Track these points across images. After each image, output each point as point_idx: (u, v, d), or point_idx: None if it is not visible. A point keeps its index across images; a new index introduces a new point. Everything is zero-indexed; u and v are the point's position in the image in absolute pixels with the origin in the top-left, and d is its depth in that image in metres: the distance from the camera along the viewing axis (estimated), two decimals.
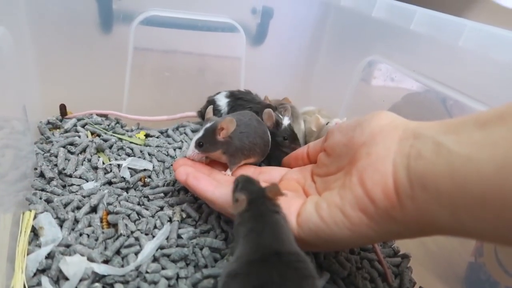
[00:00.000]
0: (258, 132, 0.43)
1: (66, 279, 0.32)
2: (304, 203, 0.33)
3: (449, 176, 0.23)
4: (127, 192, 0.44)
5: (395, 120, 0.30)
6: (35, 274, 0.33)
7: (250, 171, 0.43)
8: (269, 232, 0.29)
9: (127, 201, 0.42)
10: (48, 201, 0.40)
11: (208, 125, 0.41)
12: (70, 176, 0.44)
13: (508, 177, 0.20)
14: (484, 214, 0.22)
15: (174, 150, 0.52)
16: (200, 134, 0.41)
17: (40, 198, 0.40)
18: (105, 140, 0.51)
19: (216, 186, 0.37)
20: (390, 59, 0.48)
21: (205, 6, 0.56)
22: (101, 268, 0.34)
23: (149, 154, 0.51)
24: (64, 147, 0.48)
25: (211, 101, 0.53)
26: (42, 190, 0.42)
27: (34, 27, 0.49)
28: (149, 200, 0.43)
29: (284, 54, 0.63)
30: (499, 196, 0.21)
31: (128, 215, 0.40)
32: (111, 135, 0.53)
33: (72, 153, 0.48)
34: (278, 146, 0.47)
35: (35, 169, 0.44)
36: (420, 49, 0.44)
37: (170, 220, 0.40)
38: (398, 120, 0.30)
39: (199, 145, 0.41)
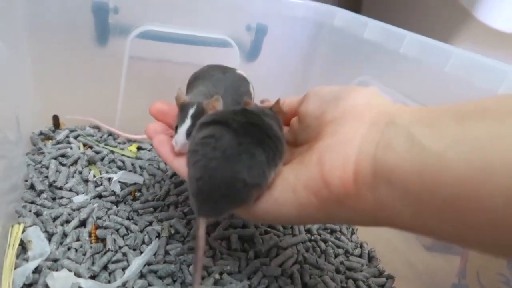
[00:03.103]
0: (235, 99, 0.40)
1: None
2: None
3: (418, 174, 0.21)
4: (117, 206, 0.44)
5: (371, 100, 0.28)
6: None
7: None
8: (256, 114, 0.31)
9: (117, 215, 0.42)
10: (38, 214, 0.40)
11: (191, 111, 0.36)
12: (61, 188, 0.44)
13: (485, 181, 0.19)
14: (452, 218, 0.20)
15: (165, 164, 0.53)
16: (188, 123, 0.36)
17: (30, 211, 0.40)
18: (97, 152, 0.52)
19: (177, 155, 0.36)
20: (379, 81, 0.49)
21: (200, 22, 0.57)
22: (88, 284, 0.34)
23: (140, 168, 0.51)
24: (55, 158, 0.48)
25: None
26: (32, 202, 0.42)
27: (31, 39, 0.50)
28: (138, 214, 0.43)
29: (278, 71, 0.63)
30: (473, 201, 0.19)
31: (117, 230, 0.40)
32: (103, 147, 0.54)
33: (63, 165, 0.48)
34: None
35: (26, 180, 0.44)
36: (408, 72, 0.45)
37: (159, 236, 0.40)
38: (375, 99, 0.28)
39: (189, 135, 0.37)
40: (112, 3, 0.52)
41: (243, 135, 0.28)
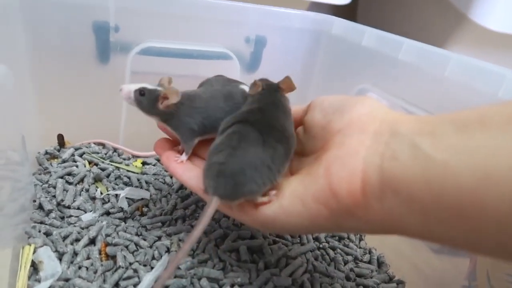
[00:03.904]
0: (222, 107, 0.39)
1: None
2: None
3: (425, 183, 0.22)
4: (125, 222, 0.45)
5: (376, 110, 0.28)
6: None
7: None
8: (270, 110, 0.34)
9: (125, 231, 0.42)
10: (47, 234, 0.40)
11: (151, 86, 0.38)
12: (69, 207, 0.45)
13: (489, 190, 0.19)
14: (459, 225, 0.21)
15: (171, 177, 0.53)
16: (146, 86, 0.38)
17: (39, 231, 0.40)
18: (103, 169, 0.52)
19: (185, 169, 0.37)
20: (379, 88, 0.50)
21: (199, 36, 0.58)
22: None
23: (146, 183, 0.51)
24: (62, 177, 0.49)
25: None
26: (41, 222, 0.42)
27: (33, 61, 0.51)
28: (147, 230, 0.44)
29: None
30: (478, 209, 0.20)
31: (127, 246, 0.40)
32: (109, 163, 0.54)
33: (70, 183, 0.48)
34: None
35: (34, 201, 0.45)
36: (408, 79, 0.46)
37: (168, 251, 0.40)
38: (379, 109, 0.28)
39: (140, 93, 0.37)
40: (113, 22, 0.52)
41: (265, 132, 0.32)
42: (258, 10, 0.58)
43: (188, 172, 0.37)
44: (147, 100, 0.38)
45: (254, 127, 0.32)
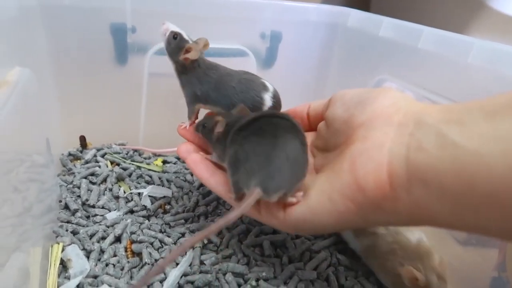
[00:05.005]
0: (233, 87, 0.40)
1: None
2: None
3: (454, 172, 0.21)
4: (149, 220, 0.45)
5: (398, 101, 0.28)
6: None
7: None
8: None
9: (149, 229, 0.43)
10: (74, 232, 0.41)
11: (186, 36, 0.41)
12: (93, 206, 0.46)
13: None
14: (491, 213, 0.21)
15: (192, 175, 0.54)
16: (182, 33, 0.41)
17: (67, 230, 0.41)
18: (125, 169, 0.53)
19: (212, 173, 0.37)
20: (399, 78, 0.49)
21: (215, 34, 0.57)
22: None
23: (168, 181, 0.52)
24: (85, 178, 0.49)
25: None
26: (68, 222, 0.43)
27: (54, 64, 0.52)
28: (170, 227, 0.44)
29: (294, 76, 0.64)
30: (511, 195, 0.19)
31: (151, 243, 0.41)
32: (130, 163, 0.55)
33: (93, 183, 0.49)
34: None
35: (60, 201, 0.46)
36: (429, 67, 0.45)
37: (192, 247, 0.41)
38: (402, 100, 0.28)
39: (173, 36, 0.40)
40: (130, 23, 0.53)
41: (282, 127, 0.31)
42: (272, 6, 0.58)
43: (215, 176, 0.37)
44: (174, 45, 0.40)
45: (274, 118, 0.32)
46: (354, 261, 0.43)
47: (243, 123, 0.32)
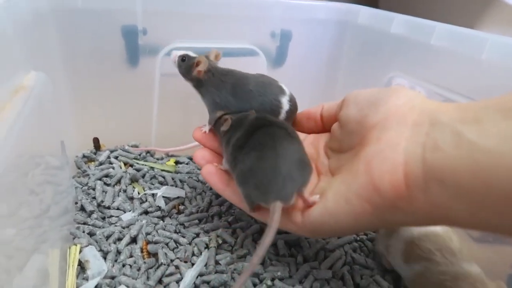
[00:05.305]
0: (250, 90, 0.40)
1: None
2: (311, 192, 0.33)
3: (472, 171, 0.21)
4: (163, 221, 0.46)
5: (412, 100, 0.27)
6: None
7: None
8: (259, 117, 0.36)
9: (164, 229, 0.43)
10: (91, 234, 0.42)
11: (192, 54, 0.42)
12: (109, 208, 0.46)
13: None
14: (509, 213, 0.20)
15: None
16: (189, 53, 0.42)
17: (83, 232, 0.42)
18: (138, 170, 0.53)
19: (227, 184, 0.38)
20: (411, 75, 0.49)
21: (225, 34, 0.58)
22: None
23: (181, 181, 0.52)
24: (100, 179, 0.50)
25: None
26: (84, 223, 0.44)
27: (67, 67, 0.52)
28: (184, 227, 0.44)
29: (305, 74, 0.64)
30: None
31: (167, 244, 0.41)
32: (143, 164, 0.55)
33: (108, 185, 0.50)
34: None
35: (76, 203, 0.46)
36: (442, 64, 0.44)
37: (207, 247, 0.41)
38: (415, 99, 0.27)
39: (182, 59, 0.42)
40: (141, 25, 0.53)
41: (278, 128, 0.34)
42: (282, 4, 0.57)
43: (230, 187, 0.37)
44: (185, 65, 0.42)
45: (268, 127, 0.34)
46: (369, 259, 0.43)
47: (240, 137, 0.34)
